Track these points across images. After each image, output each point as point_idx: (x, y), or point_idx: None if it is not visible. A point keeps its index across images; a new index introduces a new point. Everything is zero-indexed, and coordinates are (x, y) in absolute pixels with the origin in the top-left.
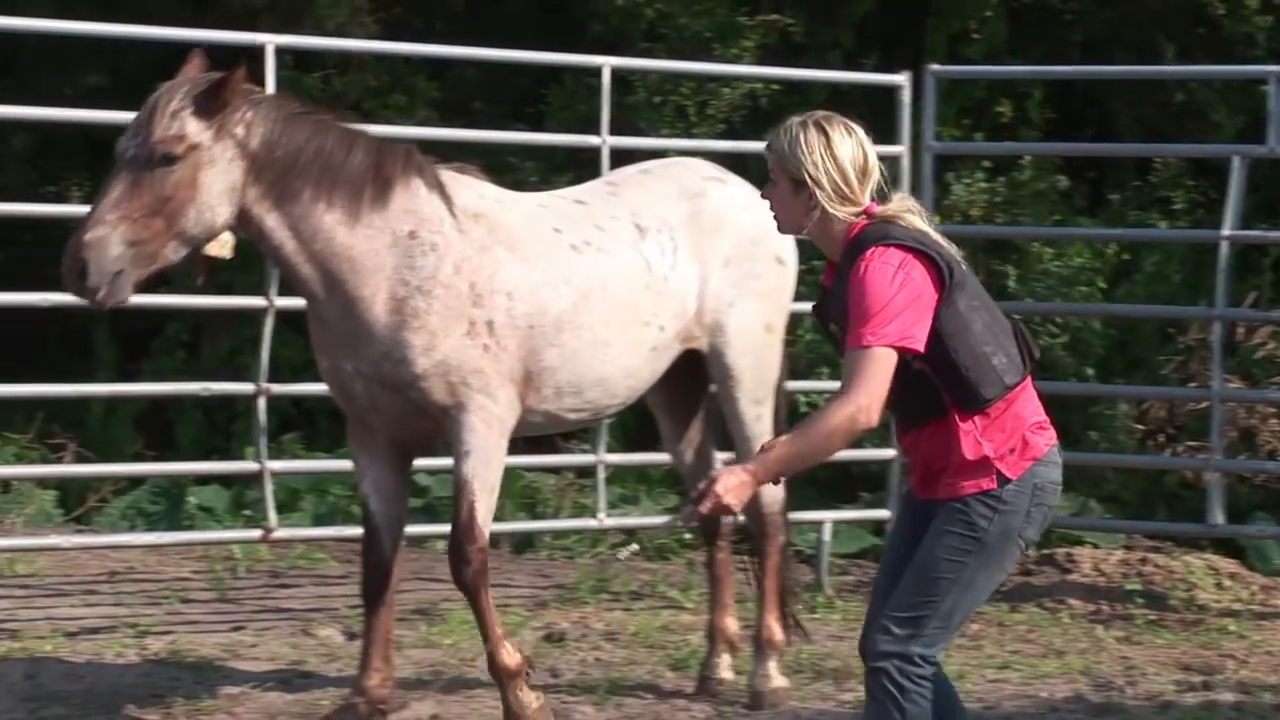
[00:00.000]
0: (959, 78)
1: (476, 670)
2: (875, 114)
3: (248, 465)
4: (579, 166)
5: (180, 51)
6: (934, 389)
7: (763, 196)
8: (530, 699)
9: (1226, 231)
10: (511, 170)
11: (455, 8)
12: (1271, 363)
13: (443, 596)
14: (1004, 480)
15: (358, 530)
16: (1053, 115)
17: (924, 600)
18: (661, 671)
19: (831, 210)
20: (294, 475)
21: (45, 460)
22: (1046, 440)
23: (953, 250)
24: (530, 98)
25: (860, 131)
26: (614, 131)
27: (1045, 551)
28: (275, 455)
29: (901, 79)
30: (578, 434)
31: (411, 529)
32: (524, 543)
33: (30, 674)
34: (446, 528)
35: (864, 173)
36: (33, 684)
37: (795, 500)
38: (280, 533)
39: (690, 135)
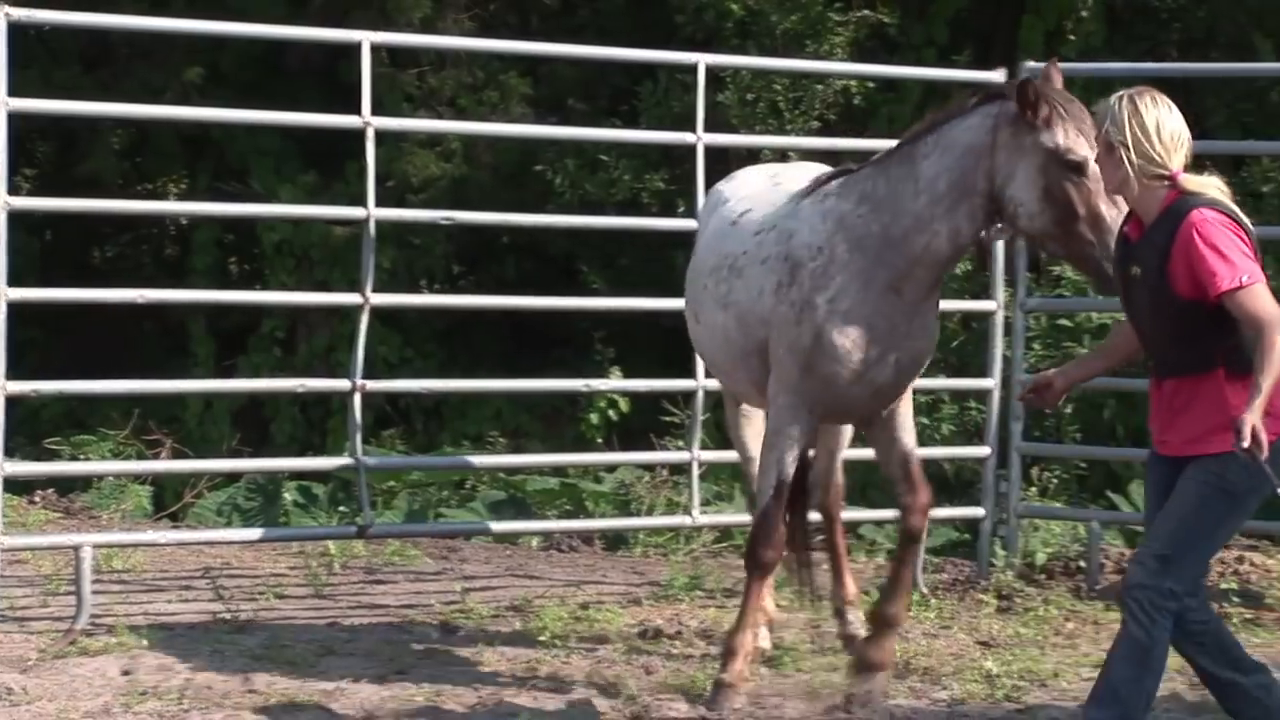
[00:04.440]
0: None
1: (572, 665)
2: None
3: (343, 461)
4: (672, 164)
5: (276, 49)
6: (1210, 344)
7: (1095, 162)
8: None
9: None
10: (605, 168)
11: (549, 5)
12: None
13: (537, 594)
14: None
15: (451, 527)
16: None
17: (1177, 541)
18: (756, 669)
19: (1138, 170)
20: (389, 472)
21: (141, 456)
22: None
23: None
24: (623, 95)
25: (1167, 103)
26: (707, 128)
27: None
28: (371, 452)
29: (997, 76)
30: (672, 431)
31: (502, 525)
32: (617, 540)
33: (127, 669)
34: (539, 524)
35: (1171, 139)
36: (129, 679)
37: (890, 499)
38: (375, 529)
39: (784, 132)
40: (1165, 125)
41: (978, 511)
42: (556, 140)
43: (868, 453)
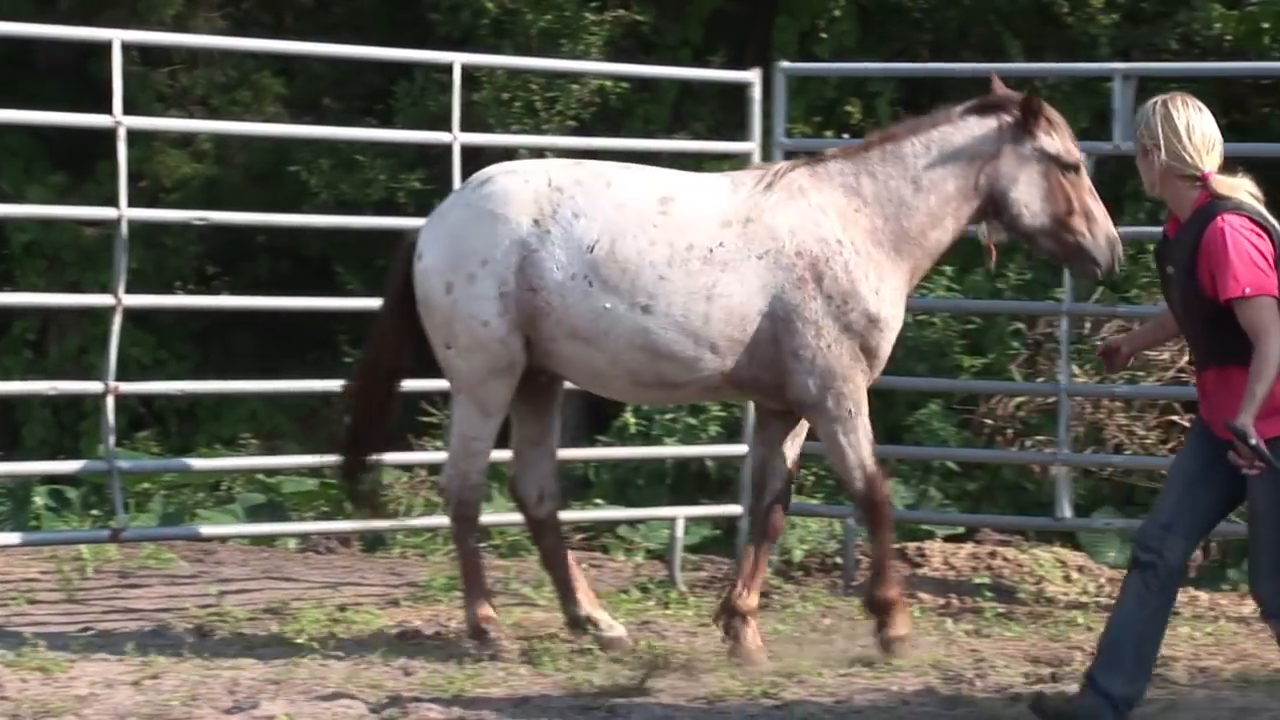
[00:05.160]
0: (809, 75)
1: (330, 668)
2: (726, 111)
3: (96, 464)
4: (429, 163)
5: (24, 47)
6: (1239, 338)
7: (1135, 163)
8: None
9: None
10: (360, 168)
11: (302, 3)
12: None
13: (294, 596)
14: None
15: (207, 529)
16: (901, 114)
17: (1276, 540)
18: (515, 669)
19: (1171, 171)
20: (144, 474)
21: None
22: None
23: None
24: (379, 94)
25: (1198, 106)
26: (463, 128)
27: (894, 546)
28: (124, 454)
29: (752, 76)
30: (430, 431)
31: (258, 528)
32: (376, 541)
33: None
34: (296, 526)
35: (1202, 141)
36: None
37: (648, 498)
38: (129, 533)
39: (540, 132)
40: (1196, 127)
41: (735, 509)
42: (311, 140)
43: (614, 451)
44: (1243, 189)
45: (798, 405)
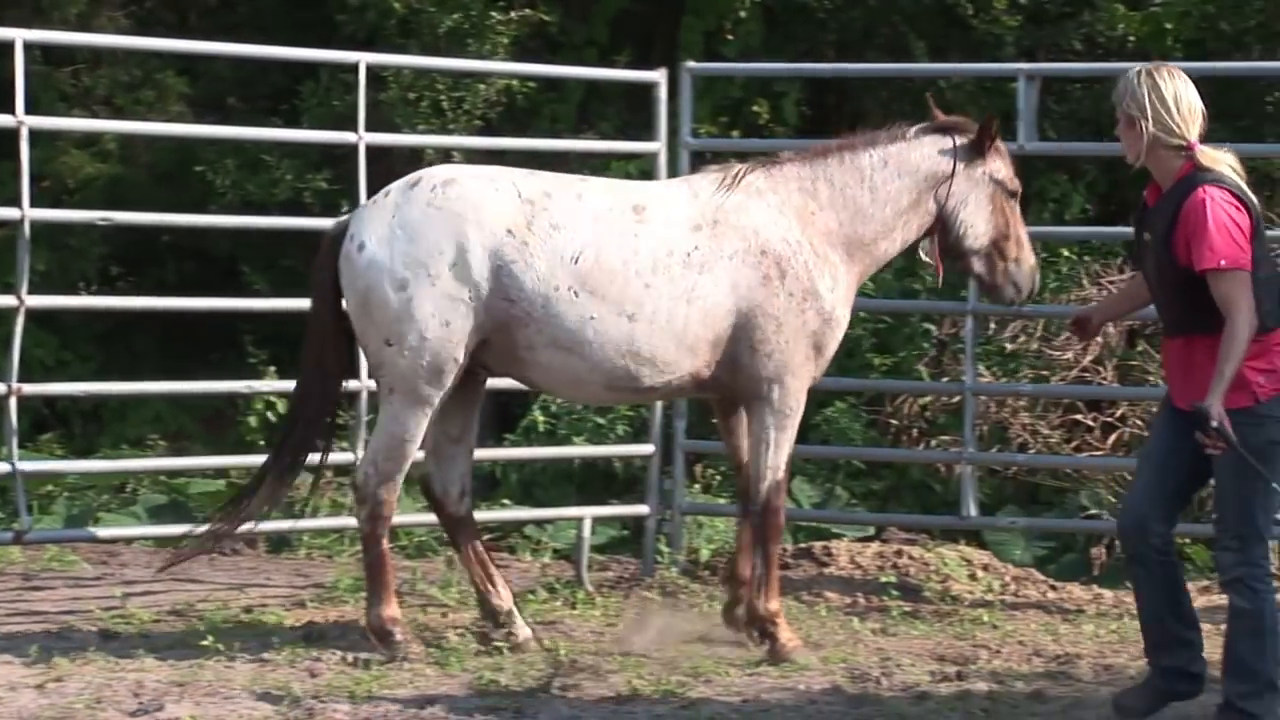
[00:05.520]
0: (715, 75)
1: (235, 670)
2: (632, 111)
3: None
4: (335, 164)
5: None
6: (1210, 309)
7: (1116, 134)
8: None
9: None
10: (266, 168)
11: (207, 2)
12: (1022, 356)
13: (199, 598)
14: (1257, 398)
15: (111, 531)
16: (807, 114)
17: (1240, 516)
18: (421, 670)
19: (1157, 141)
20: (47, 476)
21: None
22: None
23: (1257, 204)
24: (285, 94)
25: (1183, 77)
26: (370, 128)
27: (801, 545)
28: (27, 456)
29: (657, 76)
30: (336, 432)
31: (163, 529)
32: (281, 542)
33: None
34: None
35: (1188, 111)
36: None
37: (555, 498)
38: (32, 535)
39: (447, 131)
40: (1183, 97)
41: (642, 509)
42: (216, 140)
43: (521, 451)
44: (1225, 162)
45: (745, 397)
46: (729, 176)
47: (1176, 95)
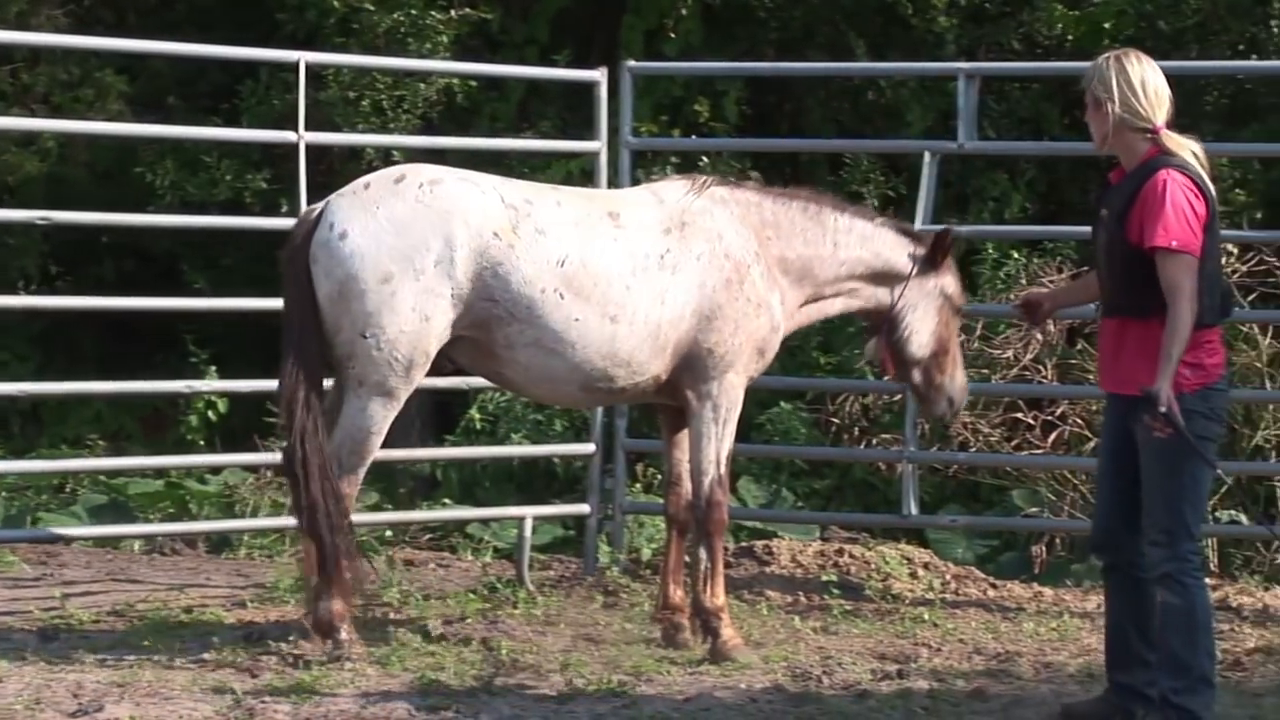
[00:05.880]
0: (655, 74)
1: (175, 670)
2: (572, 110)
3: None
4: (275, 163)
5: None
6: (1150, 293)
7: (1085, 118)
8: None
9: (918, 226)
10: (206, 167)
11: (146, 1)
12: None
13: (139, 598)
14: (1182, 390)
15: (50, 531)
16: (748, 113)
17: (1169, 510)
18: (363, 669)
19: (1124, 124)
20: None
21: None
22: (1218, 371)
23: (1215, 196)
24: (224, 93)
25: (1151, 63)
26: (310, 127)
27: (743, 544)
28: None
29: (598, 75)
30: (275, 432)
31: (103, 529)
32: (222, 543)
33: None
34: (141, 528)
35: (1155, 95)
36: None
37: (496, 497)
38: None
39: (387, 131)
40: (1150, 82)
41: (584, 508)
42: (156, 139)
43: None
44: (1189, 149)
45: (689, 396)
46: (694, 185)
47: (1144, 80)
